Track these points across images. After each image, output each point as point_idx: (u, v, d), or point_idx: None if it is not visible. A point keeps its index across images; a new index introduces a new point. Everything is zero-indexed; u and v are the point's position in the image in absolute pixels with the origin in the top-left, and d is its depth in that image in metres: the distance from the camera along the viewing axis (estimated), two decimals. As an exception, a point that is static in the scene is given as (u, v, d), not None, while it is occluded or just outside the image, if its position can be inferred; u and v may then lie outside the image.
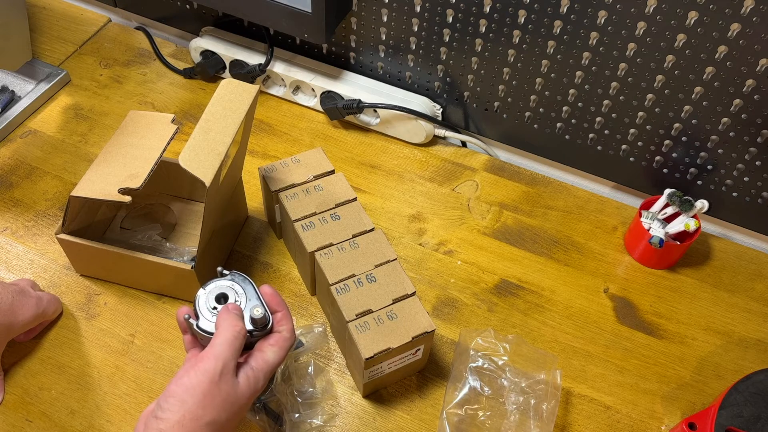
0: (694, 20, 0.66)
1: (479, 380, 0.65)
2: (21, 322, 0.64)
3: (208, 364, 0.51)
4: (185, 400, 0.49)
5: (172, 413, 0.49)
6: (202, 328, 0.56)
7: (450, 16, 0.79)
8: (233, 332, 0.53)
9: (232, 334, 0.53)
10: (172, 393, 0.50)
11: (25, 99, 0.90)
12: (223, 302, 0.57)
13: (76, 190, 0.64)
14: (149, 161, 0.65)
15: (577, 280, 0.78)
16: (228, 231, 0.76)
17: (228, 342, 0.52)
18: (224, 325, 0.53)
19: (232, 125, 0.62)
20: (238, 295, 0.58)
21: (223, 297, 0.57)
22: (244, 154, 0.74)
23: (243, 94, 0.64)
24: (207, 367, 0.50)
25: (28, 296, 0.66)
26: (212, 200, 0.63)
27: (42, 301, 0.67)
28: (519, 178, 0.88)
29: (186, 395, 0.49)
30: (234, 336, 0.53)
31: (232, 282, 0.58)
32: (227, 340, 0.52)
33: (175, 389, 0.50)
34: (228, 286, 0.58)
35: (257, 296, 0.58)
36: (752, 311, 0.76)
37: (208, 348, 0.52)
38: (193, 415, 0.49)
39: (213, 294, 0.57)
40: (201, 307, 0.57)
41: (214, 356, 0.51)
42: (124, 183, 0.63)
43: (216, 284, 0.58)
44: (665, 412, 0.68)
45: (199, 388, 0.50)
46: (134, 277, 0.72)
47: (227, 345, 0.52)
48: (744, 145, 0.74)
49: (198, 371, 0.50)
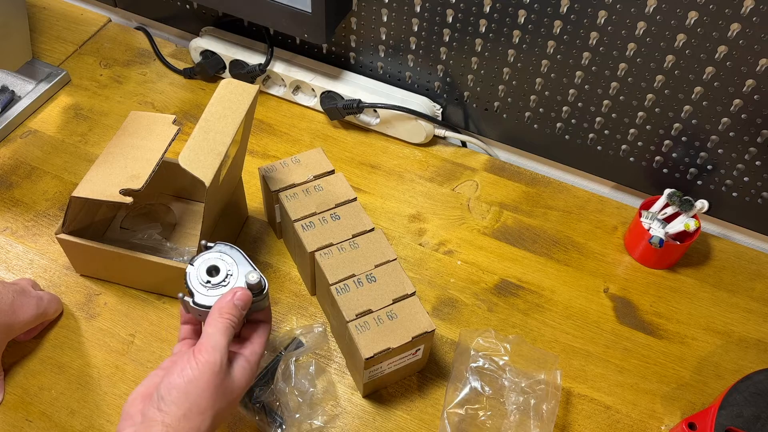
0: (694, 20, 0.66)
1: (480, 380, 0.65)
2: (22, 321, 0.64)
3: (208, 356, 0.50)
4: (189, 392, 0.49)
5: (177, 406, 0.49)
6: (198, 303, 0.55)
7: (450, 16, 0.79)
8: (226, 322, 0.52)
9: (224, 324, 0.52)
10: (175, 385, 0.49)
11: (25, 99, 0.90)
12: (215, 274, 0.57)
13: (78, 190, 0.64)
14: (151, 162, 0.65)
15: (577, 280, 0.78)
16: (228, 231, 0.76)
17: (221, 332, 0.52)
18: (216, 313, 0.53)
19: (231, 125, 0.62)
20: (228, 264, 0.57)
21: (214, 269, 0.57)
22: (244, 154, 0.74)
23: (243, 94, 0.64)
24: (208, 359, 0.50)
25: (28, 296, 0.66)
26: (212, 200, 0.63)
27: (42, 301, 0.67)
28: (519, 178, 0.88)
29: (190, 387, 0.49)
30: (226, 326, 0.52)
31: (220, 253, 0.58)
32: (220, 330, 0.52)
33: (179, 381, 0.49)
34: (217, 258, 0.57)
35: (247, 262, 0.57)
36: (752, 311, 0.76)
37: (203, 338, 0.52)
38: (198, 408, 0.49)
39: (203, 268, 0.57)
40: (193, 283, 0.56)
41: (212, 347, 0.51)
42: (126, 184, 0.63)
43: (203, 258, 0.57)
44: (665, 412, 0.68)
45: (202, 380, 0.49)
46: (134, 276, 0.72)
47: (221, 335, 0.52)
48: (744, 145, 0.74)
49: (200, 363, 0.50)
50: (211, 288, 0.56)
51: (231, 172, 0.69)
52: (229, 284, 0.56)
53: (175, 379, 0.50)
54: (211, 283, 0.56)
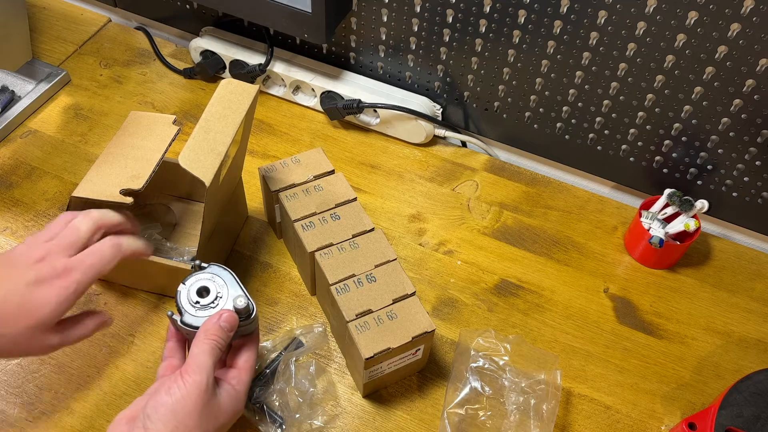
0: (694, 20, 0.66)
1: (480, 380, 0.65)
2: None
3: (195, 376, 0.51)
4: (177, 411, 0.49)
5: (163, 424, 0.48)
6: (186, 323, 0.56)
7: (450, 16, 0.79)
8: (211, 343, 0.53)
9: (209, 345, 0.53)
10: (162, 403, 0.49)
11: (25, 99, 0.90)
12: (205, 295, 0.57)
13: (78, 190, 0.64)
14: (151, 162, 0.65)
15: (577, 280, 0.78)
16: (228, 231, 0.76)
17: (207, 352, 0.52)
18: (202, 335, 0.53)
19: (231, 125, 0.62)
20: (218, 286, 0.58)
21: (204, 290, 0.58)
22: (244, 154, 0.74)
23: (243, 94, 0.64)
24: (195, 379, 0.50)
25: None
26: (212, 200, 0.63)
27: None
28: (519, 178, 0.88)
29: (177, 406, 0.49)
30: (212, 347, 0.53)
31: (212, 274, 0.58)
32: (206, 350, 0.52)
33: (166, 399, 0.49)
34: (208, 279, 0.58)
35: (238, 285, 0.58)
36: (752, 311, 0.76)
37: (189, 359, 0.52)
38: (185, 428, 0.49)
39: (194, 288, 0.57)
40: (183, 302, 0.57)
41: (198, 367, 0.51)
42: (126, 184, 0.63)
43: (195, 278, 0.58)
44: (665, 412, 0.68)
45: (189, 400, 0.49)
46: (134, 277, 0.72)
47: (206, 355, 0.52)
48: (744, 145, 0.74)
49: (187, 383, 0.50)
50: (200, 309, 0.57)
51: (231, 173, 0.69)
52: (217, 306, 0.57)
53: (162, 398, 0.50)
54: (200, 303, 0.57)
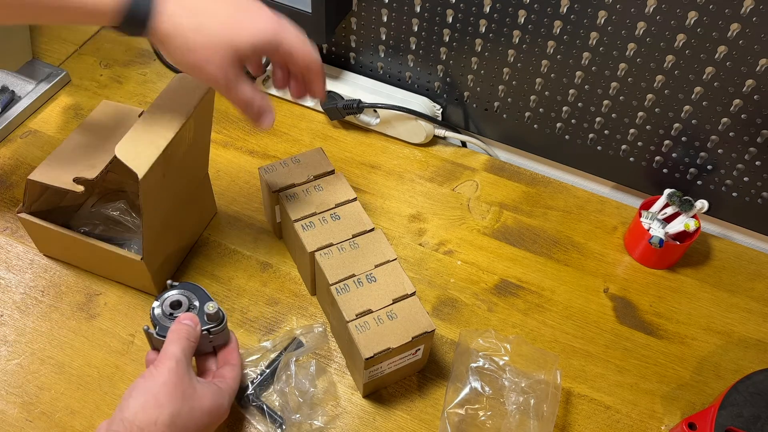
0: (694, 20, 0.66)
1: (480, 380, 0.65)
2: None
3: (166, 362, 0.55)
4: (148, 388, 0.53)
5: (135, 400, 0.52)
6: (161, 334, 0.59)
7: (450, 16, 0.79)
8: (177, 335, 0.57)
9: (176, 337, 0.57)
10: (135, 385, 0.54)
11: (25, 99, 0.90)
12: (178, 308, 0.61)
13: (34, 174, 0.65)
14: (110, 153, 0.66)
15: (577, 280, 0.78)
16: (188, 227, 0.76)
17: (174, 342, 0.56)
18: (171, 335, 0.57)
19: (177, 120, 0.62)
20: (190, 300, 0.62)
21: (177, 303, 0.62)
22: (207, 154, 0.74)
23: (195, 91, 0.64)
24: (165, 364, 0.55)
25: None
26: (152, 194, 0.63)
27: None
28: (519, 178, 0.88)
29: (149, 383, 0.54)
30: (179, 337, 0.57)
31: (184, 290, 0.62)
32: (173, 341, 0.57)
33: (139, 381, 0.54)
34: (180, 294, 0.62)
35: (208, 297, 0.62)
36: (752, 311, 0.76)
37: (160, 353, 0.56)
38: (156, 401, 0.52)
39: (167, 303, 0.61)
40: (157, 316, 0.61)
41: (166, 355, 0.55)
42: (81, 172, 0.64)
43: (168, 294, 0.62)
44: (665, 412, 0.68)
45: (161, 377, 0.54)
46: (92, 262, 0.73)
47: (174, 345, 0.56)
48: (744, 145, 0.74)
49: (158, 366, 0.55)
50: (174, 320, 0.60)
51: (190, 171, 0.70)
52: None
53: (136, 381, 0.54)
54: (174, 315, 0.61)
